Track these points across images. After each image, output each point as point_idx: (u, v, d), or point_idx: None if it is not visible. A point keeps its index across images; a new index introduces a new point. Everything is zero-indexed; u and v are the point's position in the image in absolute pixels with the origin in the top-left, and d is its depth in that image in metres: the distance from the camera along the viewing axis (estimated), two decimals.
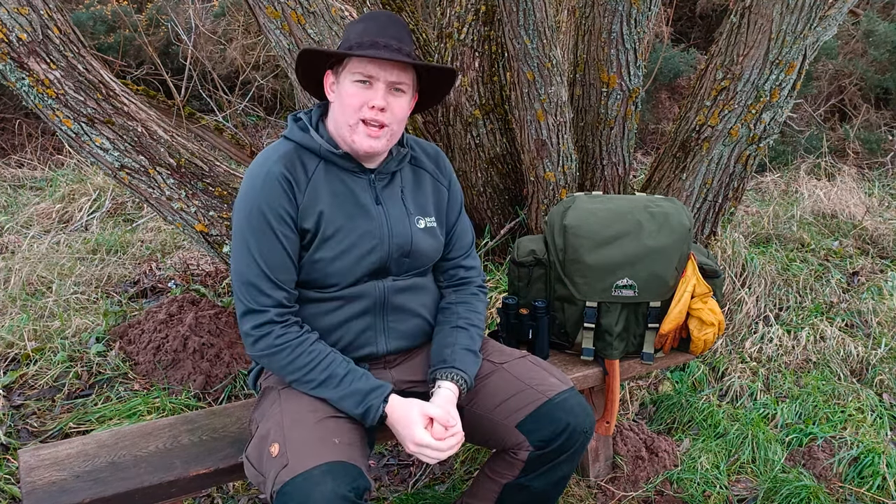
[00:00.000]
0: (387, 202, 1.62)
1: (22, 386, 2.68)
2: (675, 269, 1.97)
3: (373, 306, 1.61)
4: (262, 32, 2.64)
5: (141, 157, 2.46)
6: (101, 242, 3.93)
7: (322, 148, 1.56)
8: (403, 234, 1.61)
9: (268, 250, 1.50)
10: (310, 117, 1.61)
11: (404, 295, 1.65)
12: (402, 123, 1.58)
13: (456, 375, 1.60)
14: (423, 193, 1.69)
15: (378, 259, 1.59)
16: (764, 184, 5.01)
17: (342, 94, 1.54)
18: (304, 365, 1.50)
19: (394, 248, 1.60)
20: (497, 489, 1.66)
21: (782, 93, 2.81)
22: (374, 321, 1.63)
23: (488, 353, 1.74)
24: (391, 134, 1.55)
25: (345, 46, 1.54)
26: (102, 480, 1.53)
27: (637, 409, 2.62)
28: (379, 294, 1.61)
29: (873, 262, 3.71)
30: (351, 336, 1.61)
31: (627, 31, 2.77)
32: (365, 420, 1.49)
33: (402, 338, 1.67)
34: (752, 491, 2.22)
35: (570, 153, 2.88)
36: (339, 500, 1.30)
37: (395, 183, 1.65)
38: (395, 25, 1.55)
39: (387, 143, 1.56)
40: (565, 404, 1.59)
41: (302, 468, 1.33)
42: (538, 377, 1.65)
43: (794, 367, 2.83)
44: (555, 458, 1.59)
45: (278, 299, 1.51)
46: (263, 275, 1.50)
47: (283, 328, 1.51)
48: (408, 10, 3.44)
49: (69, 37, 2.31)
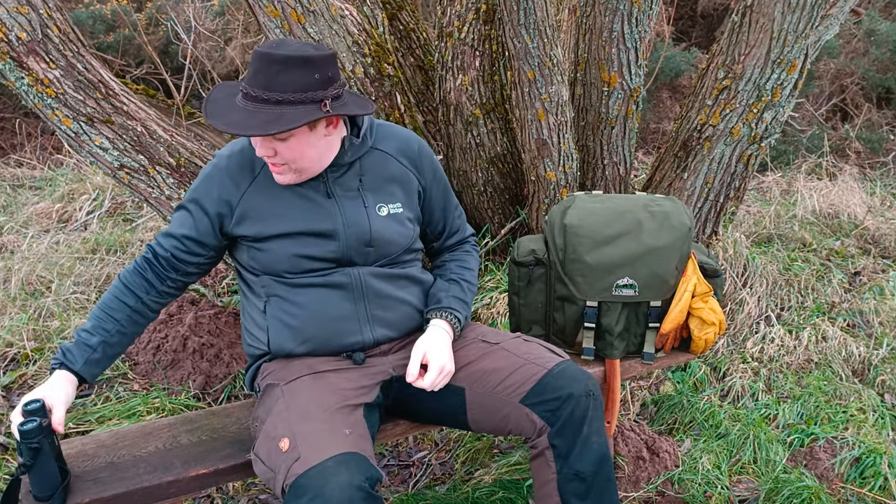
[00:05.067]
0: (340, 195, 1.62)
1: (21, 386, 2.67)
2: (676, 268, 1.96)
3: (351, 294, 1.63)
4: (261, 31, 2.64)
5: (140, 156, 2.46)
6: (101, 242, 3.92)
7: None
8: (360, 224, 1.62)
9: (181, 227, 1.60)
10: None
11: (385, 282, 1.67)
12: (305, 158, 1.53)
13: (449, 315, 1.70)
14: (387, 181, 1.68)
15: (336, 249, 1.60)
16: (765, 183, 5.00)
17: None
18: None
19: (351, 239, 1.61)
20: (555, 494, 1.61)
21: (784, 92, 2.81)
22: (356, 309, 1.64)
23: (483, 334, 1.75)
24: (296, 168, 1.54)
25: (207, 106, 1.53)
26: (102, 480, 1.53)
27: (638, 410, 2.61)
28: (355, 281, 1.63)
29: (875, 262, 3.70)
30: (334, 324, 1.62)
31: (628, 30, 2.77)
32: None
33: (388, 326, 1.68)
34: (753, 491, 2.22)
35: (570, 152, 2.88)
36: (354, 491, 1.29)
37: (351, 173, 1.64)
38: (270, 69, 1.43)
39: (298, 175, 1.56)
40: (565, 373, 1.60)
41: (315, 460, 1.33)
42: (535, 352, 1.66)
43: (796, 368, 2.83)
44: (578, 430, 1.56)
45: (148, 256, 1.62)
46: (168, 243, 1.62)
47: (138, 274, 1.61)
48: (408, 8, 3.43)
49: (68, 36, 2.31)
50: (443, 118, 3.24)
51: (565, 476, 1.58)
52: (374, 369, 1.66)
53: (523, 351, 1.67)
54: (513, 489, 2.16)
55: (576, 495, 1.58)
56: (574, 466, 1.57)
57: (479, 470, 2.31)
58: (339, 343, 1.63)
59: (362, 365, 1.66)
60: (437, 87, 3.18)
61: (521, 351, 1.67)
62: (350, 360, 1.66)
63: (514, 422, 1.61)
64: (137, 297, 1.60)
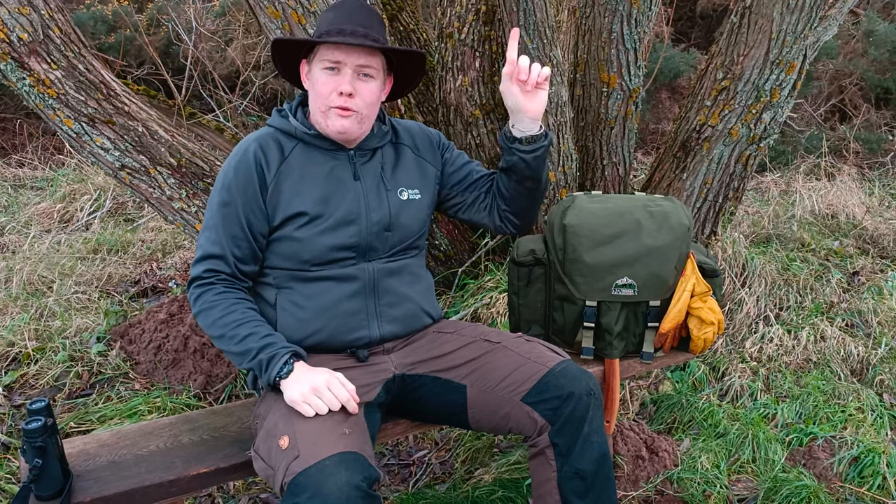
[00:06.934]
0: (365, 178, 1.68)
1: (23, 385, 2.68)
2: (675, 268, 1.97)
3: (363, 289, 1.65)
4: (262, 32, 2.65)
5: (142, 156, 2.47)
6: (102, 242, 3.93)
7: (297, 130, 1.65)
8: (381, 209, 1.67)
9: (231, 227, 1.58)
10: (290, 106, 1.71)
11: (394, 278, 1.69)
12: (372, 107, 1.64)
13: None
14: (405, 169, 1.75)
15: (356, 233, 1.64)
16: (764, 184, 5.01)
17: (314, 82, 1.62)
18: (233, 321, 1.54)
19: (372, 224, 1.65)
20: (555, 493, 1.61)
21: (782, 93, 2.81)
22: (366, 304, 1.66)
23: (485, 333, 1.77)
24: (361, 118, 1.62)
25: (315, 35, 1.61)
26: (103, 480, 1.53)
27: (637, 409, 2.62)
28: (368, 276, 1.66)
29: (873, 262, 3.71)
30: (343, 318, 1.64)
31: (628, 31, 2.78)
32: (269, 368, 1.49)
33: (395, 322, 1.70)
34: (752, 491, 2.22)
35: (570, 153, 2.88)
36: (352, 490, 1.30)
37: (375, 160, 1.71)
38: (361, 12, 1.62)
39: (358, 126, 1.63)
40: (566, 372, 1.61)
41: (314, 459, 1.34)
42: (536, 351, 1.68)
43: (795, 367, 2.83)
44: (579, 429, 1.57)
45: (224, 271, 1.59)
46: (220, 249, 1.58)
47: (225, 286, 1.58)
48: (408, 9, 3.44)
49: (70, 37, 2.32)
50: (443, 119, 3.25)
51: (565, 474, 1.59)
52: (377, 367, 1.67)
53: (525, 350, 1.69)
54: (513, 488, 2.16)
55: (575, 493, 1.59)
56: (574, 465, 1.58)
57: (478, 469, 2.32)
58: (347, 338, 1.65)
59: (365, 362, 1.67)
60: (437, 88, 3.19)
61: (522, 350, 1.69)
62: (353, 356, 1.67)
63: (515, 420, 1.62)
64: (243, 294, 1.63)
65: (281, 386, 1.48)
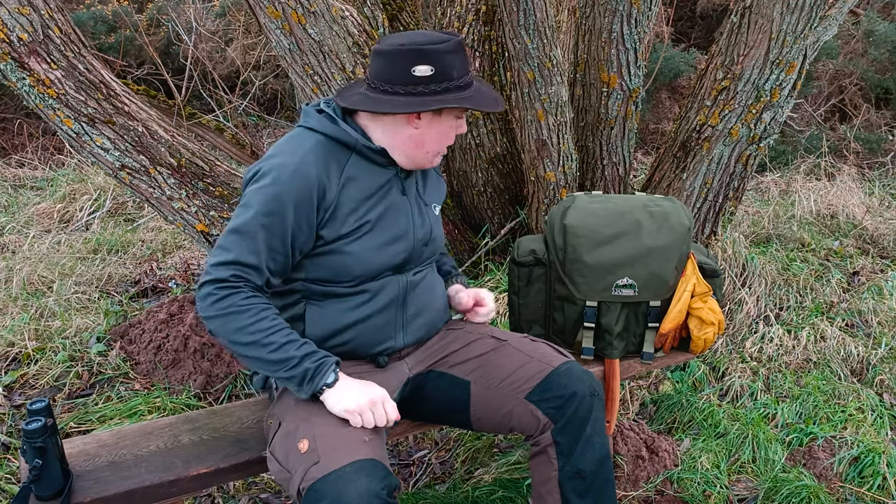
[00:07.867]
0: (409, 194, 1.68)
1: (23, 385, 2.68)
2: (675, 268, 1.97)
3: (394, 301, 1.63)
4: (262, 32, 2.65)
5: (142, 156, 2.47)
6: (102, 242, 3.93)
7: (358, 143, 1.55)
8: (424, 225, 1.68)
9: (272, 239, 1.47)
10: (333, 108, 1.59)
11: (419, 288, 1.69)
12: None
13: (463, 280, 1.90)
14: (432, 183, 1.78)
15: (405, 249, 1.63)
16: (764, 184, 5.01)
17: (437, 130, 1.60)
18: (267, 328, 1.44)
19: (418, 240, 1.66)
20: (556, 491, 1.62)
21: (783, 93, 2.81)
22: (396, 316, 1.65)
23: (491, 331, 1.78)
24: None
25: (445, 84, 1.52)
26: (103, 480, 1.53)
27: (637, 409, 2.62)
28: (400, 289, 1.64)
29: (873, 262, 3.71)
30: (371, 331, 1.62)
31: (628, 30, 2.78)
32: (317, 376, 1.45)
33: (419, 331, 1.71)
34: (752, 491, 2.22)
35: (570, 153, 2.88)
36: (373, 498, 1.29)
37: (413, 176, 1.70)
38: (466, 56, 1.60)
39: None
40: (570, 372, 1.62)
41: (334, 465, 1.32)
42: (542, 350, 1.69)
43: (795, 367, 2.83)
44: (581, 429, 1.58)
45: (255, 282, 1.47)
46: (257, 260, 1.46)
47: (251, 292, 1.46)
48: (408, 9, 3.44)
49: (70, 37, 2.32)
50: None
51: (566, 473, 1.59)
52: (394, 371, 1.67)
53: (530, 349, 1.70)
54: (513, 488, 2.16)
55: (575, 493, 1.59)
56: (576, 464, 1.59)
57: (478, 469, 2.32)
58: (373, 350, 1.63)
59: (384, 367, 1.66)
60: None
61: (527, 349, 1.70)
62: (373, 363, 1.66)
63: (518, 418, 1.62)
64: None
65: (325, 393, 1.46)
